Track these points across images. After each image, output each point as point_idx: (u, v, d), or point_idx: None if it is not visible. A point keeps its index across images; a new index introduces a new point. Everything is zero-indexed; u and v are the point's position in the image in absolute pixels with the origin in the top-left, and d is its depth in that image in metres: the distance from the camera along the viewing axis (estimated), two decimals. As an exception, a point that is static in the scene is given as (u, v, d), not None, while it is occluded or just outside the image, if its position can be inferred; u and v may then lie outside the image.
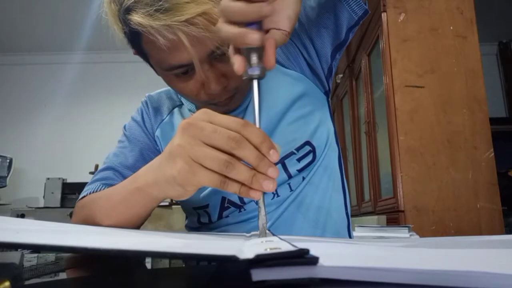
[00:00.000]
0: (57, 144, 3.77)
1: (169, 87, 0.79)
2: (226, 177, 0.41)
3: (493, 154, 1.90)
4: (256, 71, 0.43)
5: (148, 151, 0.77)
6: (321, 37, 0.72)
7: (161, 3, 0.53)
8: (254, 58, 0.43)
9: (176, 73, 0.61)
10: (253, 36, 0.41)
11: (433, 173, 1.89)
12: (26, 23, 3.44)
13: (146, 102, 0.81)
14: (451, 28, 2.02)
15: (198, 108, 0.75)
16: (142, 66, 0.73)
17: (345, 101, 3.18)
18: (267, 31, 0.42)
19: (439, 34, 2.03)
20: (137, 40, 0.60)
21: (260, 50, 0.43)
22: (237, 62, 0.43)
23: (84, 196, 0.70)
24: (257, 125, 0.44)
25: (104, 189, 0.69)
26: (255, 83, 0.44)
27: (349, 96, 3.03)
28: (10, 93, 3.90)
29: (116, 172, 0.73)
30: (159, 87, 0.73)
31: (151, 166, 0.50)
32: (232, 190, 0.41)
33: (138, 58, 0.68)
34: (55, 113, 3.85)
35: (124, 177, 0.69)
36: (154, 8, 0.53)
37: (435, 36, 2.02)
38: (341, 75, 3.24)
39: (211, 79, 0.60)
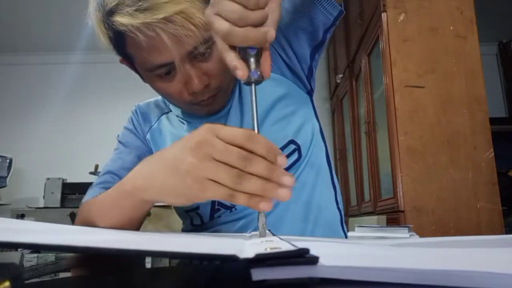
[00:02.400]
0: (57, 144, 3.76)
1: (156, 98, 0.84)
2: (234, 190, 0.41)
3: (493, 154, 1.90)
4: (255, 76, 0.45)
5: (144, 153, 0.79)
6: (299, 39, 0.74)
7: (140, 3, 0.56)
8: (252, 63, 0.45)
9: (159, 73, 0.63)
10: (273, 32, 0.44)
11: (433, 173, 1.89)
12: (25, 23, 3.43)
13: (136, 111, 0.84)
14: (451, 28, 2.02)
15: (184, 112, 0.78)
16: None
17: (345, 101, 3.18)
18: None
19: (439, 34, 2.02)
20: (121, 43, 0.63)
21: (258, 55, 0.45)
22: (241, 68, 0.45)
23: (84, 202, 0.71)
24: (256, 129, 0.45)
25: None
26: (253, 87, 0.46)
27: (349, 96, 3.03)
28: (10, 93, 3.89)
29: (114, 176, 0.75)
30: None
31: (141, 171, 0.51)
32: (241, 203, 0.41)
33: None
34: (55, 113, 3.84)
35: None
36: (134, 8, 0.57)
37: (435, 36, 2.02)
38: (341, 75, 3.24)
39: (193, 77, 0.62)
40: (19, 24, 3.46)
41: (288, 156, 0.73)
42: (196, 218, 0.76)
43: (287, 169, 0.73)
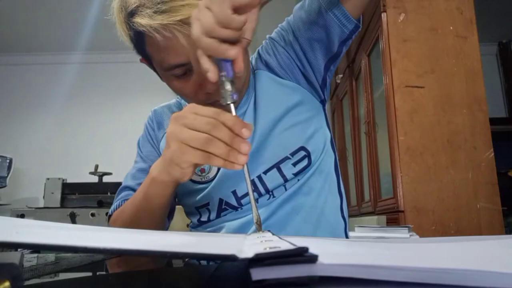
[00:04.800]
0: (57, 144, 3.76)
1: (169, 102, 0.88)
2: (209, 154, 0.50)
3: (493, 154, 1.90)
4: (231, 98, 0.51)
5: None
6: (314, 50, 0.76)
7: (159, 5, 0.60)
8: (228, 87, 0.51)
9: (176, 73, 0.66)
10: (233, 52, 0.48)
11: (433, 173, 1.89)
12: (26, 23, 3.43)
13: (151, 118, 0.87)
14: (451, 28, 2.02)
15: None
16: (141, 66, 0.74)
17: (345, 101, 3.18)
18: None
19: (439, 34, 2.02)
20: (141, 43, 0.66)
21: (233, 80, 0.51)
22: (212, 71, 0.51)
23: (111, 215, 0.78)
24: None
25: None
26: (231, 106, 0.52)
27: (349, 96, 3.03)
28: (10, 93, 3.89)
29: (134, 191, 0.80)
30: (157, 87, 0.74)
31: (160, 157, 0.60)
32: (217, 164, 0.50)
33: (137, 58, 0.72)
34: (55, 113, 3.84)
35: None
36: (153, 10, 0.60)
37: (435, 36, 2.02)
38: (341, 75, 3.24)
39: (207, 79, 0.63)
40: (19, 24, 3.46)
41: (298, 162, 0.75)
42: (205, 214, 0.79)
43: (297, 174, 0.75)
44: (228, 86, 0.51)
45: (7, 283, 0.26)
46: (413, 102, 1.97)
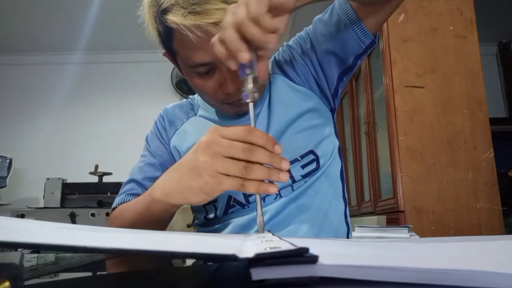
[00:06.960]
0: (57, 144, 3.75)
1: (181, 102, 0.90)
2: (244, 180, 0.49)
3: (493, 154, 1.90)
4: (252, 97, 0.51)
5: (167, 160, 0.84)
6: (329, 61, 0.79)
7: (194, 7, 0.62)
8: (250, 86, 0.51)
9: (199, 71, 0.68)
10: (245, 55, 0.48)
11: (433, 173, 1.89)
12: (26, 23, 3.43)
13: (162, 116, 0.88)
14: (451, 28, 2.02)
15: (217, 112, 0.83)
16: (142, 66, 0.75)
17: (345, 101, 3.18)
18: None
19: (439, 34, 2.03)
20: (168, 38, 0.68)
21: (255, 79, 0.51)
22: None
23: (114, 208, 0.79)
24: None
25: (130, 199, 0.79)
26: (250, 105, 0.52)
27: (349, 96, 3.03)
28: (9, 93, 3.88)
29: (139, 184, 0.81)
30: (158, 87, 0.74)
31: (166, 179, 0.59)
32: (252, 191, 0.48)
33: (137, 58, 0.72)
34: (55, 113, 3.83)
35: (147, 189, 0.79)
36: (188, 10, 0.62)
37: (435, 36, 2.02)
38: (341, 75, 3.24)
39: (228, 79, 0.67)
40: (19, 24, 3.46)
41: (306, 164, 0.77)
42: (212, 211, 0.80)
43: (304, 176, 0.77)
44: (251, 85, 0.51)
45: (7, 283, 0.26)
46: (413, 102, 1.97)
